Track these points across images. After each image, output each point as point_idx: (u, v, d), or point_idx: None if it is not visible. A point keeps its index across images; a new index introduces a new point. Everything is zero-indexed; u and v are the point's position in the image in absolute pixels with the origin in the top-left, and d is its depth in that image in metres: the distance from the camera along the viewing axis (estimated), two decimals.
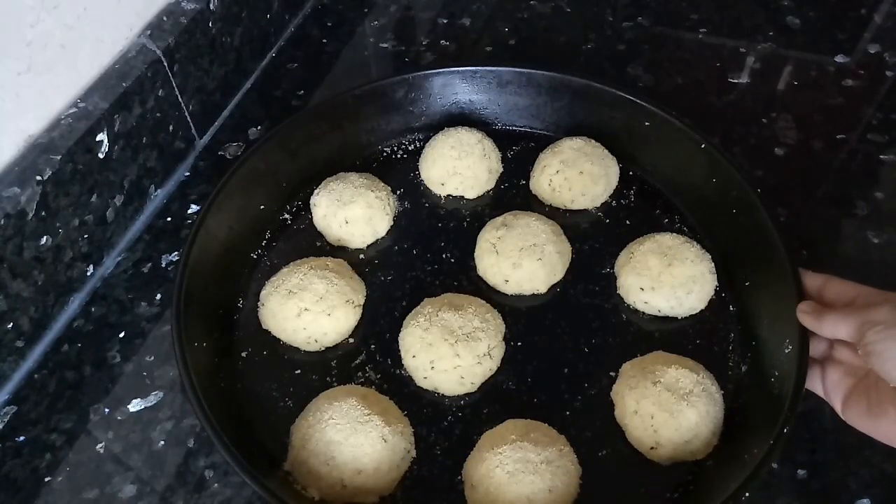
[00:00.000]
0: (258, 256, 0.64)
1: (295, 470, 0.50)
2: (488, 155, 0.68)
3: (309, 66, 0.83)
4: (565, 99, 0.71)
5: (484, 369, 0.55)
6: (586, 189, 0.65)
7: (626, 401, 0.52)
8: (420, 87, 0.71)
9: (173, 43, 0.66)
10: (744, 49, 0.83)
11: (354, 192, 0.64)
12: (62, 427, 0.54)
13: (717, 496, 0.45)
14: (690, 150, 0.65)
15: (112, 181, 0.63)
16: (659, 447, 0.51)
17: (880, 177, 0.70)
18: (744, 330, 0.57)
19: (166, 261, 0.65)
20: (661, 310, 0.59)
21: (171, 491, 0.51)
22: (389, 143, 0.73)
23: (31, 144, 0.57)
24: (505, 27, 0.87)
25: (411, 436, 0.53)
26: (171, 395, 0.56)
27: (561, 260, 0.61)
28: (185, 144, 0.72)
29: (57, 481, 0.52)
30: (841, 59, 0.81)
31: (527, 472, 0.47)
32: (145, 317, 0.61)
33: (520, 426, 0.51)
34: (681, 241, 0.60)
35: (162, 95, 0.66)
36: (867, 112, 0.76)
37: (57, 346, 0.59)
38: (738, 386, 0.54)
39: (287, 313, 0.57)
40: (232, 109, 0.78)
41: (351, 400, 0.51)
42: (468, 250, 0.63)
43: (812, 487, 0.51)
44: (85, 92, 0.61)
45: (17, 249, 0.54)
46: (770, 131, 0.74)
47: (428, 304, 0.58)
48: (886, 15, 0.86)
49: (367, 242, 0.65)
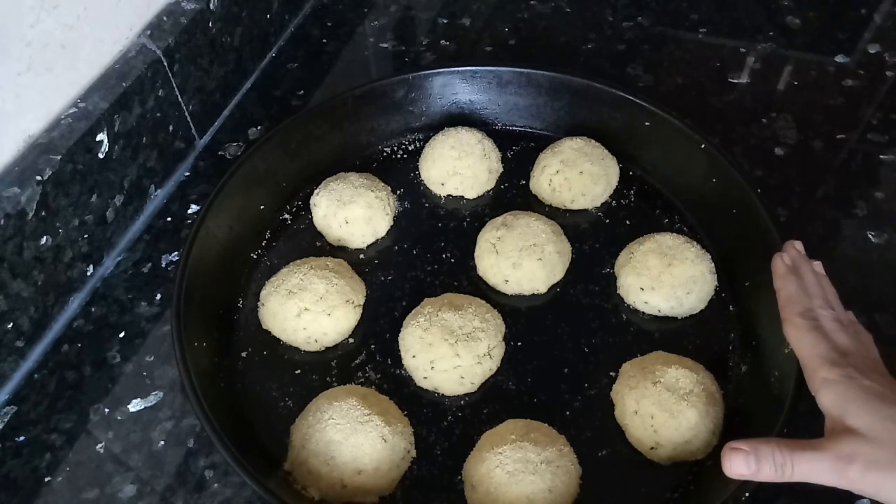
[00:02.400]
0: (258, 256, 0.64)
1: (295, 470, 0.50)
2: (488, 155, 0.68)
3: (309, 66, 0.83)
4: (565, 99, 0.71)
5: (484, 369, 0.55)
6: (586, 189, 0.65)
7: (626, 401, 0.52)
8: (420, 87, 0.71)
9: (173, 43, 0.66)
10: (744, 49, 0.83)
11: (354, 192, 0.64)
12: (62, 427, 0.54)
13: (717, 496, 0.45)
14: (690, 150, 0.65)
15: (112, 181, 0.63)
16: (659, 447, 0.51)
17: (880, 177, 0.70)
18: (744, 330, 0.57)
19: (166, 261, 0.65)
20: (661, 310, 0.59)
21: (171, 491, 0.51)
22: (389, 143, 0.73)
23: (31, 144, 0.57)
24: (505, 27, 0.87)
25: (411, 436, 0.53)
26: (171, 395, 0.56)
27: (561, 260, 0.61)
28: (185, 144, 0.72)
29: (57, 481, 0.52)
30: (841, 59, 0.81)
31: (527, 472, 0.47)
32: (145, 317, 0.61)
33: (520, 426, 0.51)
34: (681, 241, 0.60)
35: (162, 95, 0.66)
36: (867, 112, 0.76)
37: (57, 346, 0.59)
38: (738, 386, 0.54)
39: (287, 313, 0.57)
40: (232, 109, 0.78)
41: (351, 400, 0.51)
42: (468, 250, 0.63)
43: (812, 487, 0.50)
44: (85, 92, 0.61)
45: (17, 249, 0.54)
46: (770, 131, 0.74)
47: (428, 304, 0.58)
48: (886, 15, 0.86)
49: (367, 242, 0.65)
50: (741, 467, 0.41)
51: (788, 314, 0.48)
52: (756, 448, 0.41)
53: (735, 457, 0.41)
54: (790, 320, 0.48)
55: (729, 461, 0.42)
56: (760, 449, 0.41)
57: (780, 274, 0.51)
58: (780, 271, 0.51)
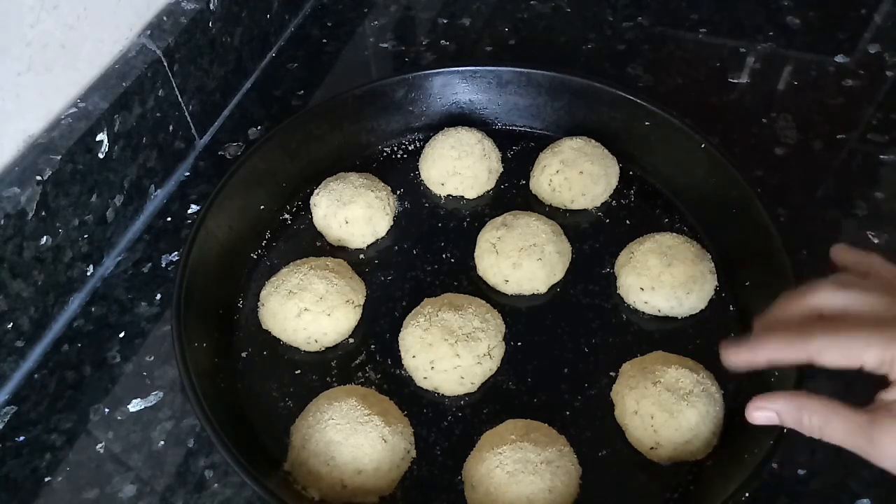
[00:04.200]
0: (258, 256, 0.64)
1: (295, 470, 0.50)
2: (488, 155, 0.68)
3: (309, 66, 0.83)
4: (565, 99, 0.71)
5: (484, 369, 0.55)
6: (586, 189, 0.65)
7: (626, 401, 0.52)
8: (420, 87, 0.71)
9: (173, 43, 0.66)
10: (744, 49, 0.83)
11: (354, 192, 0.64)
12: (62, 427, 0.54)
13: (717, 496, 0.45)
14: (690, 150, 0.65)
15: (112, 181, 0.63)
16: (659, 447, 0.51)
17: (880, 177, 0.70)
18: (744, 330, 0.57)
19: (166, 261, 0.65)
20: (661, 310, 0.59)
21: (171, 491, 0.51)
22: (389, 143, 0.73)
23: (31, 144, 0.57)
24: (505, 27, 0.87)
25: (411, 436, 0.53)
26: (171, 395, 0.56)
27: (561, 260, 0.61)
28: (185, 144, 0.72)
29: (57, 481, 0.52)
30: (841, 59, 0.81)
31: (527, 472, 0.47)
32: (145, 317, 0.61)
33: (520, 426, 0.51)
34: (681, 241, 0.60)
35: (162, 95, 0.66)
36: (867, 112, 0.76)
37: (57, 346, 0.59)
38: (738, 386, 0.54)
39: (287, 313, 0.57)
40: (232, 109, 0.78)
41: (351, 400, 0.51)
42: (468, 250, 0.63)
43: (812, 487, 0.50)
44: (85, 92, 0.61)
45: (17, 249, 0.54)
46: (770, 131, 0.74)
47: (428, 304, 0.58)
48: (886, 15, 0.86)
49: (367, 242, 0.65)
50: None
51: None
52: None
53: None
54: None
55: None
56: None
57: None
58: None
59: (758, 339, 0.38)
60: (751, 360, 0.39)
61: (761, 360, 0.38)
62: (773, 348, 0.38)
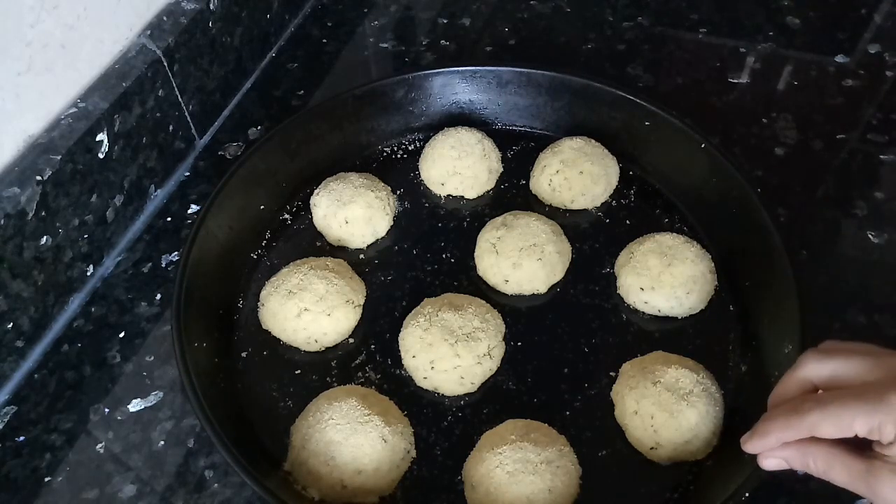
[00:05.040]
0: (258, 256, 0.64)
1: (295, 470, 0.50)
2: (488, 155, 0.68)
3: (309, 66, 0.83)
4: (565, 99, 0.71)
5: (484, 369, 0.55)
6: (586, 189, 0.65)
7: (626, 401, 0.52)
8: (420, 87, 0.71)
9: (173, 43, 0.66)
10: (744, 49, 0.83)
11: (354, 192, 0.64)
12: (62, 427, 0.54)
13: (717, 496, 0.45)
14: (690, 150, 0.65)
15: (112, 181, 0.63)
16: (659, 447, 0.51)
17: (880, 177, 0.70)
18: (744, 330, 0.57)
19: (166, 261, 0.65)
20: (661, 310, 0.59)
21: (171, 491, 0.51)
22: (389, 143, 0.73)
23: (31, 144, 0.57)
24: (505, 27, 0.87)
25: (411, 436, 0.53)
26: (171, 395, 0.56)
27: (561, 260, 0.61)
28: (185, 144, 0.72)
29: (57, 481, 0.52)
30: (841, 59, 0.81)
31: (527, 472, 0.47)
32: (145, 317, 0.61)
33: (520, 426, 0.51)
34: (681, 241, 0.60)
35: (162, 95, 0.66)
36: (867, 112, 0.76)
37: (57, 346, 0.59)
38: (738, 386, 0.54)
39: (287, 313, 0.57)
40: (232, 109, 0.78)
41: (351, 400, 0.51)
42: (468, 250, 0.63)
43: (812, 487, 0.50)
44: (85, 92, 0.61)
45: (17, 249, 0.54)
46: (770, 131, 0.74)
47: (428, 304, 0.58)
48: (886, 15, 0.86)
49: (367, 242, 0.65)
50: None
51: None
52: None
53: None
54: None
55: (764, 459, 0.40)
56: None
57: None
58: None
59: (764, 423, 0.40)
60: (764, 447, 0.40)
61: (772, 444, 0.40)
62: (778, 431, 0.39)
